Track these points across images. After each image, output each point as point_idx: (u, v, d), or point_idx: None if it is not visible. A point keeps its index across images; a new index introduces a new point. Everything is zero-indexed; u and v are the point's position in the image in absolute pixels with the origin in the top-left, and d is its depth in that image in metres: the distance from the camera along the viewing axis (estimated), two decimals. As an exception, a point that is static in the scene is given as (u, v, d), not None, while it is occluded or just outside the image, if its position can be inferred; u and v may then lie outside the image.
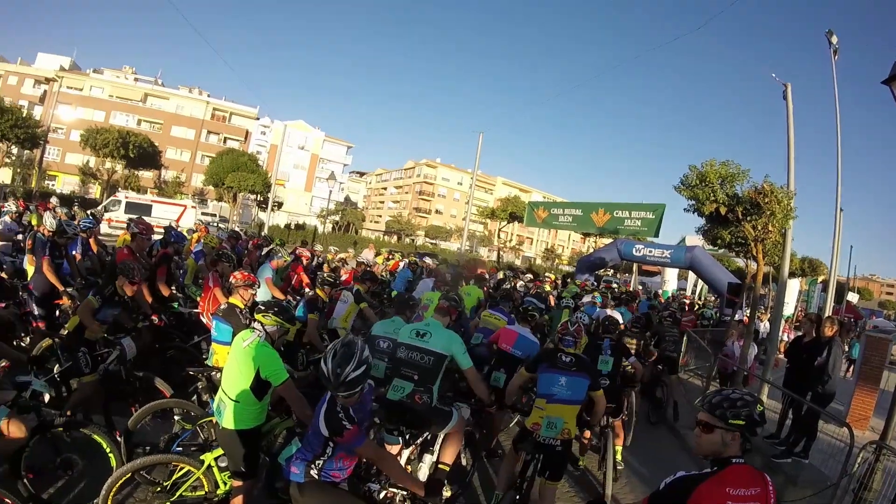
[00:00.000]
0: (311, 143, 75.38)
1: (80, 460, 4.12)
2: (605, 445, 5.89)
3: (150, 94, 67.30)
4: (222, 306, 5.28)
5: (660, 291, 28.29)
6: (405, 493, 3.32)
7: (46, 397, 4.09)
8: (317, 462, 3.07)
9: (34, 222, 10.29)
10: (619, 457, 6.45)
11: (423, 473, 4.44)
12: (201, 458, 3.91)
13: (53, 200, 21.95)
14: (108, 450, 4.06)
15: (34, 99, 60.64)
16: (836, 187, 13.36)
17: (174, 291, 7.91)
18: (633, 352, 7.19)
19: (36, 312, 6.74)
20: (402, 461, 4.35)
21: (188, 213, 27.86)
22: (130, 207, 26.06)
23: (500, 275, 16.28)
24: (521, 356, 5.42)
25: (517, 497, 4.40)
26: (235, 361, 3.73)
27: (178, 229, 12.25)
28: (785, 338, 16.62)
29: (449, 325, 4.98)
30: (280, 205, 51.83)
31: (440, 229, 78.31)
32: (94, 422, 4.39)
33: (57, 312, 7.15)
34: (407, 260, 18.57)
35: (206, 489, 3.93)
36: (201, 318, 6.86)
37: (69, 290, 7.14)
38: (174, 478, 3.95)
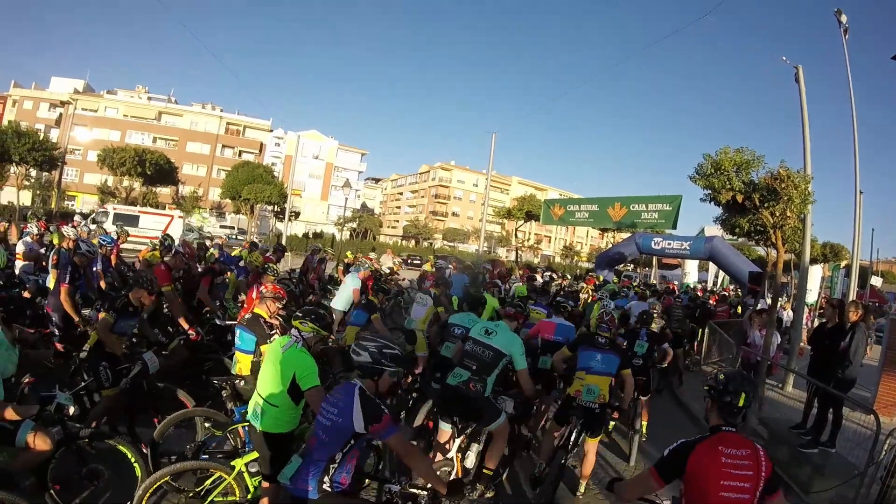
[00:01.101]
0: (326, 152, 75.87)
1: (105, 471, 4.17)
2: (633, 416, 6.94)
3: (164, 111, 68.49)
4: (246, 316, 5.37)
5: (682, 283, 27.96)
6: (426, 493, 3.28)
7: (71, 410, 4.12)
8: (329, 471, 3.03)
9: (55, 241, 10.43)
10: (644, 430, 7.45)
11: (471, 462, 4.93)
12: (232, 463, 3.96)
13: (77, 219, 22.27)
14: (133, 460, 4.09)
15: (50, 122, 62.14)
16: (855, 169, 13.12)
17: (215, 304, 8.02)
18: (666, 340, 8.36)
19: (57, 333, 6.82)
20: (454, 449, 4.80)
21: (175, 223, 28.43)
22: (118, 218, 26.57)
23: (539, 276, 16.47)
24: (563, 341, 6.26)
25: (563, 461, 5.23)
26: (273, 366, 3.79)
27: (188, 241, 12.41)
28: (808, 325, 16.34)
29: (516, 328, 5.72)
30: (297, 214, 52.11)
31: (457, 231, 78.40)
32: (119, 433, 4.42)
33: (77, 330, 7.23)
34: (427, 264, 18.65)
35: (238, 495, 3.97)
36: None
37: (86, 312, 7.21)
38: (205, 484, 4.01)
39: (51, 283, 8.21)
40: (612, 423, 6.89)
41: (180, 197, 60.55)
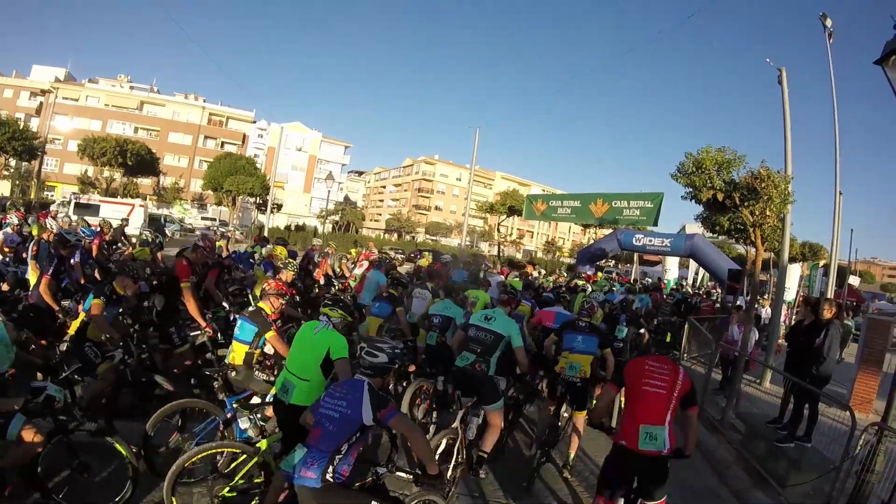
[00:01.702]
0: (309, 144, 75.35)
1: (92, 465, 4.21)
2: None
3: (146, 101, 67.54)
4: (250, 308, 5.63)
5: (674, 280, 28.35)
6: (410, 476, 3.49)
7: (60, 402, 4.14)
8: (333, 462, 3.17)
9: (35, 233, 10.32)
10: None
11: (472, 433, 5.35)
12: (257, 444, 4.17)
13: (54, 208, 22.01)
14: (127, 459, 4.11)
15: (30, 111, 60.94)
16: (835, 170, 13.29)
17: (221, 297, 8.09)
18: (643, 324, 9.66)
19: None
20: (457, 420, 5.17)
21: (136, 212, 28.38)
22: (79, 208, 26.46)
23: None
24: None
25: (556, 435, 6.14)
26: (305, 346, 4.28)
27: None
28: (786, 323, 16.58)
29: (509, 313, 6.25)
30: (279, 207, 51.83)
31: (440, 225, 78.27)
32: (116, 430, 4.42)
33: (57, 322, 7.16)
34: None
35: (262, 477, 4.18)
36: None
37: (66, 303, 7.15)
38: (232, 465, 4.20)
39: (30, 275, 8.12)
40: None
41: (161, 188, 59.88)
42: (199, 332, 6.60)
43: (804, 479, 6.09)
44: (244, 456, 4.14)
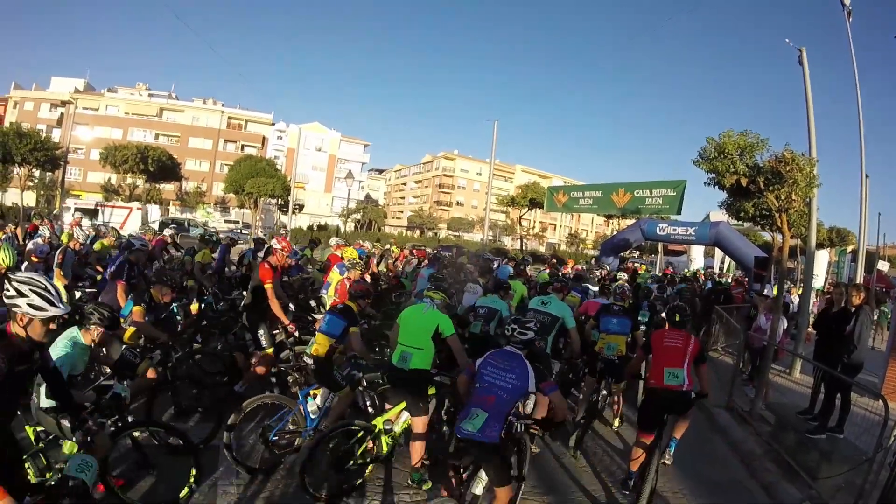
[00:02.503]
0: (328, 144, 75.78)
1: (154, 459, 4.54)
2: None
3: (165, 108, 68.55)
4: (339, 306, 6.02)
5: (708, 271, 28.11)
6: (529, 426, 4.20)
7: (128, 399, 4.34)
8: (508, 422, 3.89)
9: (64, 240, 10.56)
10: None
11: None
12: (373, 422, 4.94)
13: (77, 215, 22.47)
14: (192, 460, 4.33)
15: (51, 122, 62.07)
16: (860, 153, 12.93)
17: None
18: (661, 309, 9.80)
19: None
20: None
21: (134, 216, 29.27)
22: (79, 213, 27.40)
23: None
24: None
25: (597, 410, 6.86)
26: (417, 323, 5.15)
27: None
28: (815, 311, 16.25)
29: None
30: (301, 207, 52.15)
31: (462, 221, 78.29)
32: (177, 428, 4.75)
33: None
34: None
35: (375, 451, 4.92)
36: None
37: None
38: (352, 442, 4.79)
39: (56, 281, 8.29)
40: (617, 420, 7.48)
41: (184, 192, 60.63)
42: (278, 331, 7.07)
43: (836, 472, 5.89)
44: (363, 431, 4.84)
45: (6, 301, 2.88)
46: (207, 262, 11.18)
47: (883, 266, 34.60)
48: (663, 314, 9.33)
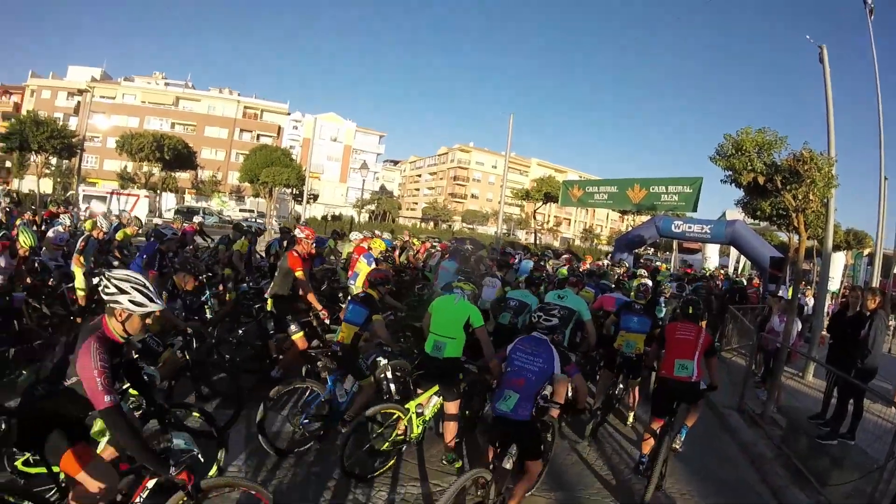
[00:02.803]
0: (344, 134, 75.88)
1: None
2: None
3: (181, 97, 69.01)
4: (360, 294, 6.22)
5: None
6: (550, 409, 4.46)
7: (157, 383, 4.59)
8: (536, 401, 4.36)
9: (88, 228, 10.70)
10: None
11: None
12: (406, 406, 5.26)
13: (90, 203, 22.73)
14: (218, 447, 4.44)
15: (68, 110, 62.85)
16: (880, 153, 12.72)
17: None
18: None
19: None
20: None
21: (141, 203, 29.63)
22: (87, 199, 27.60)
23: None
24: None
25: (613, 403, 7.23)
26: (449, 313, 5.47)
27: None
28: (830, 313, 16.07)
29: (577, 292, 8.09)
30: (316, 197, 52.39)
31: (476, 213, 78.15)
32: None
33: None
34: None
35: (407, 433, 5.19)
36: None
37: None
38: (387, 424, 5.17)
39: (74, 268, 8.45)
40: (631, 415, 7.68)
41: (199, 181, 61.06)
42: (309, 318, 7.27)
43: (846, 479, 5.82)
44: (398, 414, 5.19)
45: (106, 298, 3.01)
46: (245, 251, 11.23)
47: (900, 270, 34.11)
48: (678, 310, 9.53)
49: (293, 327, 6.72)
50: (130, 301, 2.98)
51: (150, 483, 3.10)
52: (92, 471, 2.97)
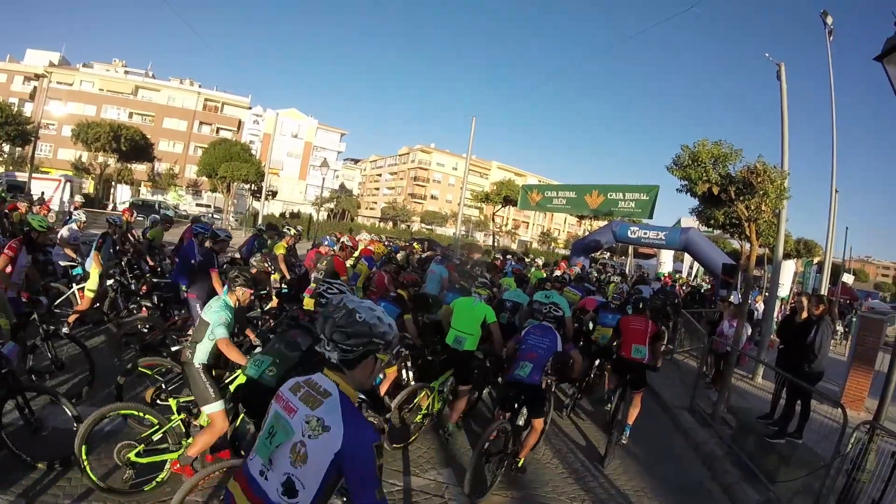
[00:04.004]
0: (305, 131, 74.82)
1: None
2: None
3: (140, 86, 66.70)
4: (392, 293, 7.30)
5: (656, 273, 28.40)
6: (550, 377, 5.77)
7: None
8: (545, 370, 5.54)
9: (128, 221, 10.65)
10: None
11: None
12: (431, 384, 6.24)
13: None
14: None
15: (24, 96, 60.11)
16: (832, 167, 13.26)
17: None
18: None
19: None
20: None
21: (62, 187, 28.80)
22: (11, 188, 26.70)
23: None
24: None
25: (585, 382, 8.39)
26: (468, 313, 6.39)
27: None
28: (779, 318, 16.62)
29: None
30: (274, 194, 51.55)
31: (436, 214, 78.12)
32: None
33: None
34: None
35: (430, 407, 6.28)
36: None
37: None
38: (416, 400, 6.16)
39: (92, 266, 8.22)
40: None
41: (156, 174, 59.46)
42: None
43: (794, 476, 6.07)
44: (426, 392, 6.16)
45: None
46: (283, 253, 11.00)
47: (848, 278, 35.56)
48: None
49: None
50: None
51: None
52: None
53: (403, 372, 7.01)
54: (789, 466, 6.53)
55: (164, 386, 5.23)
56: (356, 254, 12.05)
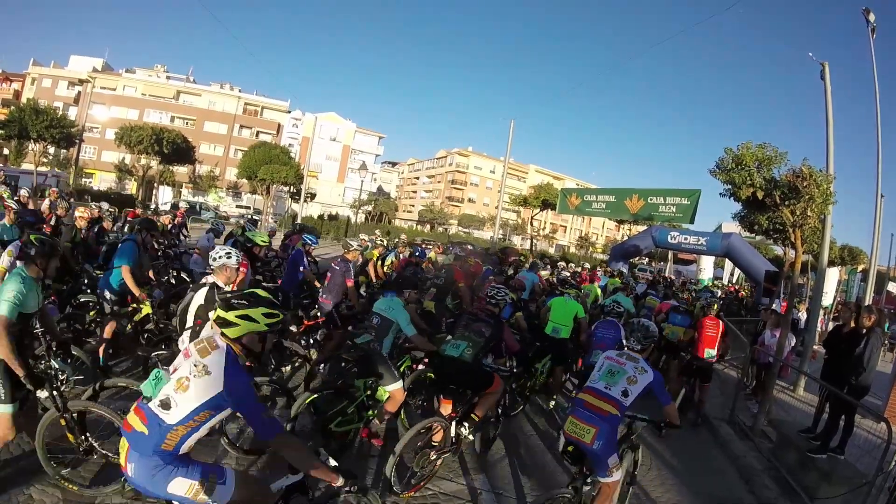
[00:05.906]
0: (343, 134, 75.77)
1: None
2: None
3: (182, 91, 68.62)
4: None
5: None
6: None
7: None
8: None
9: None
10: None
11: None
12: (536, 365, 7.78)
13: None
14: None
15: (69, 100, 62.23)
16: (877, 172, 12.82)
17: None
18: None
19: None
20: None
21: (49, 183, 29.12)
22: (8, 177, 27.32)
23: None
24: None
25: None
26: (563, 309, 7.87)
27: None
28: (822, 329, 16.13)
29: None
30: (313, 196, 52.13)
31: (473, 218, 78.09)
32: None
33: None
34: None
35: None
36: None
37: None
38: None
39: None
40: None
41: (197, 176, 60.84)
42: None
43: (835, 493, 5.86)
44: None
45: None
46: (374, 259, 11.54)
47: (893, 287, 34.32)
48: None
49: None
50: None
51: None
52: None
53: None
54: (830, 483, 6.31)
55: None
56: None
